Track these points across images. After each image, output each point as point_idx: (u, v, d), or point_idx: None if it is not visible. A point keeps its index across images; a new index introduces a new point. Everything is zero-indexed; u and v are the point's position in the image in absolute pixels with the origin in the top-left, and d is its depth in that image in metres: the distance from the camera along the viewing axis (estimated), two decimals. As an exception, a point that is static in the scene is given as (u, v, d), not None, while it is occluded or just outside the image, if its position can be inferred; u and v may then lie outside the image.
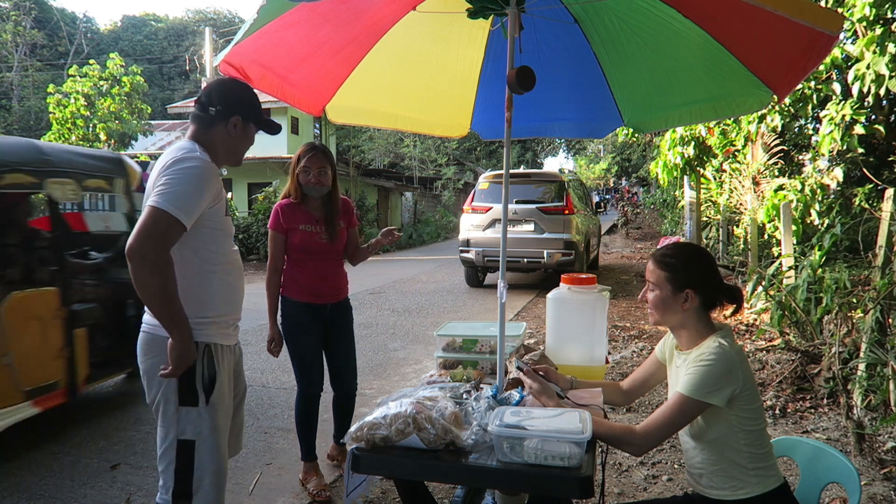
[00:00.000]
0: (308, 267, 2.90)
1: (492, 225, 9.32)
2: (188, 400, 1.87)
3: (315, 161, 2.83)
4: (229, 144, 1.98)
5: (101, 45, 38.44)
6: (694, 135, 8.23)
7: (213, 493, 1.90)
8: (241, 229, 14.89)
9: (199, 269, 1.90)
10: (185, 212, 1.77)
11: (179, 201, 1.76)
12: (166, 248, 1.76)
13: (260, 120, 2.03)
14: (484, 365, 2.35)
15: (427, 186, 30.22)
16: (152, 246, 1.72)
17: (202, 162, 1.85)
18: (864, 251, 4.57)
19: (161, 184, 1.78)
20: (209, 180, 1.84)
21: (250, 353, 5.82)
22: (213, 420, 1.90)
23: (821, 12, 1.83)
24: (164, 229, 1.74)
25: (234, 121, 1.95)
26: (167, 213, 1.74)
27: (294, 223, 2.87)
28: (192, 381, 1.86)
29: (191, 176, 1.80)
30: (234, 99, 1.96)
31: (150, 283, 1.74)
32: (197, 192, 1.80)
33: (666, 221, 17.59)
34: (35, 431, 3.79)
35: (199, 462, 1.87)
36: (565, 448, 1.49)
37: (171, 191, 1.76)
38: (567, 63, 2.67)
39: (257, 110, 2.01)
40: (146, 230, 1.72)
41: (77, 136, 20.93)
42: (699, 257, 1.81)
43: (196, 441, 1.87)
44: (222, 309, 1.96)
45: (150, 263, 1.73)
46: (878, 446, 3.35)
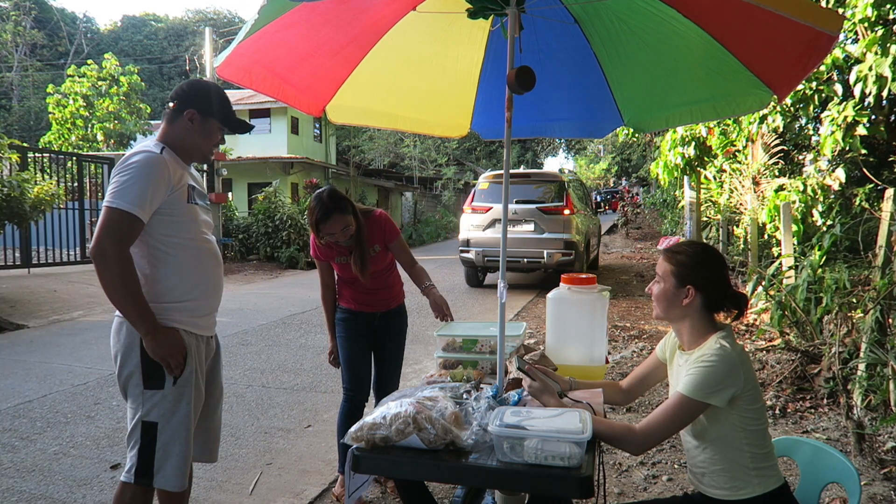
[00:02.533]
0: (356, 286, 2.88)
1: (492, 225, 9.32)
2: (153, 383, 1.92)
3: (335, 225, 2.61)
4: (189, 140, 2.03)
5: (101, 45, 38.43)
6: (694, 135, 8.23)
7: (175, 475, 1.95)
8: (241, 229, 14.87)
9: (151, 254, 1.95)
10: (137, 206, 1.83)
11: (130, 196, 1.83)
12: (125, 246, 1.83)
13: (224, 117, 2.07)
14: (484, 365, 2.35)
15: (427, 186, 30.23)
16: (111, 244, 1.80)
17: (149, 154, 1.91)
18: (864, 251, 4.56)
19: (113, 182, 1.87)
20: (158, 170, 1.89)
21: (250, 353, 5.83)
22: (177, 403, 1.94)
23: (821, 12, 1.83)
24: (119, 227, 1.82)
25: (188, 114, 2.01)
26: (120, 210, 1.81)
27: (330, 256, 2.87)
28: (156, 364, 1.91)
29: (138, 169, 1.86)
30: (192, 94, 2.02)
31: (112, 280, 1.82)
32: (147, 183, 1.85)
33: (666, 221, 17.58)
34: (35, 431, 3.79)
35: (161, 443, 1.93)
36: (565, 448, 1.49)
37: (121, 188, 1.84)
38: (567, 63, 2.67)
39: (220, 107, 2.05)
40: (103, 230, 1.81)
41: (77, 136, 20.94)
42: (709, 257, 1.80)
43: (159, 423, 1.92)
44: (186, 294, 1.99)
45: (110, 262, 1.80)
46: (878, 446, 3.35)
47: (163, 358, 1.89)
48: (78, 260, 11.15)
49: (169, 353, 1.90)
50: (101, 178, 12.06)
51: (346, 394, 2.89)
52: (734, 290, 1.79)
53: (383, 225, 2.85)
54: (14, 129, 30.56)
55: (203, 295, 2.04)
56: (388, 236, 2.85)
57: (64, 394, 4.52)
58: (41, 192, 7.89)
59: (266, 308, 8.20)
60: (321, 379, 4.98)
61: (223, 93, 2.09)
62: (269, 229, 14.39)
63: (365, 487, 1.80)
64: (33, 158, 10.58)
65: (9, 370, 5.16)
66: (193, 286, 2.00)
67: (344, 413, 2.88)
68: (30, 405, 4.28)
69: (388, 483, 3.00)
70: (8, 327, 6.90)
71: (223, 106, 2.07)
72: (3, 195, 7.37)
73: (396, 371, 3.06)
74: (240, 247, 14.73)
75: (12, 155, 8.57)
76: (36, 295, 8.46)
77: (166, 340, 1.90)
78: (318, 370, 5.21)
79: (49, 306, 7.95)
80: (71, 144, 20.62)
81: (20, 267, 10.05)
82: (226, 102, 2.08)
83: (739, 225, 8.81)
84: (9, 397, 4.44)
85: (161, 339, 1.88)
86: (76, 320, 7.40)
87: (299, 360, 5.56)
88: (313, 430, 3.91)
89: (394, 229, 2.88)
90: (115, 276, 1.81)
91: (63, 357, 5.61)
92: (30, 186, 7.80)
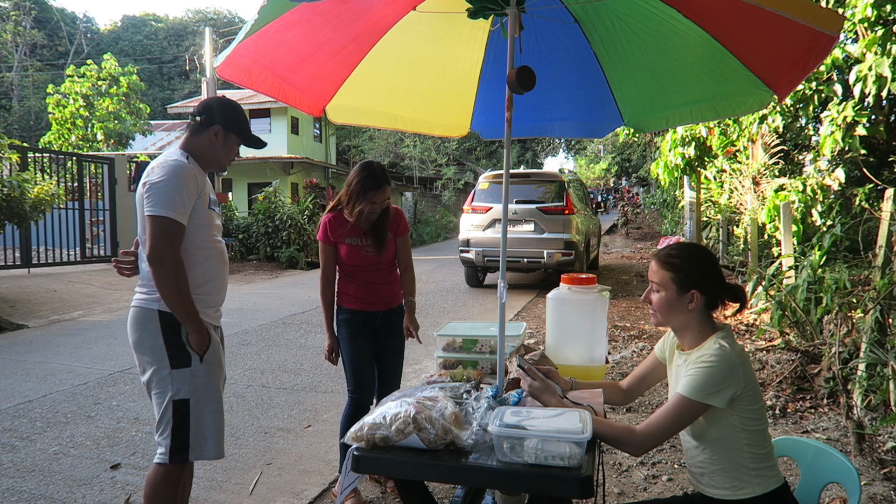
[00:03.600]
0: (358, 277, 2.87)
1: (492, 225, 9.32)
2: (179, 362, 2.06)
3: (383, 195, 2.73)
4: (211, 152, 2.21)
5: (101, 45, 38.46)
6: (694, 135, 8.23)
7: (212, 445, 2.10)
8: (241, 229, 14.87)
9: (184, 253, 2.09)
10: (178, 212, 2.02)
11: (171, 204, 2.00)
12: (176, 249, 2.02)
13: (243, 134, 2.25)
14: (484, 365, 2.35)
15: (427, 186, 30.23)
16: (167, 250, 1.99)
17: (177, 163, 2.07)
18: (864, 251, 4.56)
19: (150, 193, 2.02)
20: (187, 178, 2.06)
21: (250, 353, 5.83)
22: (205, 379, 2.10)
23: (821, 12, 1.83)
24: (168, 232, 2.00)
25: (214, 129, 2.18)
26: (166, 217, 1.99)
27: (341, 237, 2.83)
28: (181, 344, 2.06)
29: (171, 178, 2.03)
30: (219, 112, 2.20)
31: (170, 282, 2.00)
32: (180, 190, 2.03)
33: (666, 221, 17.58)
34: (35, 431, 3.80)
35: (194, 418, 2.07)
36: (565, 448, 1.49)
37: (162, 197, 2.00)
38: (567, 63, 2.67)
39: (241, 124, 2.25)
40: (157, 237, 1.99)
41: (77, 136, 20.95)
42: (703, 257, 1.79)
43: (191, 399, 2.06)
44: (204, 289, 2.16)
45: (168, 266, 1.99)
46: (878, 446, 3.35)
47: (202, 349, 2.08)
48: (78, 260, 11.15)
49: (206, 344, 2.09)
50: (101, 178, 12.05)
51: (352, 396, 2.86)
52: (728, 283, 1.78)
53: (398, 217, 2.95)
54: (14, 129, 30.56)
55: (215, 290, 2.22)
56: (400, 230, 2.95)
57: (64, 394, 4.52)
58: (41, 192, 7.88)
59: (266, 308, 8.20)
60: (321, 379, 4.98)
61: (242, 111, 2.28)
62: (269, 229, 14.39)
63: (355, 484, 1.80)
64: (33, 158, 10.57)
65: (9, 370, 5.16)
66: (209, 281, 2.18)
67: (348, 415, 2.85)
68: (30, 405, 4.28)
69: (388, 483, 3.00)
70: (8, 327, 6.90)
71: (244, 123, 2.27)
72: (4, 195, 7.37)
73: (398, 371, 3.06)
74: (240, 247, 14.73)
75: (12, 155, 8.57)
76: (36, 295, 8.46)
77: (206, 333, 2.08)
78: (318, 370, 5.21)
79: (49, 306, 7.94)
80: (71, 144, 20.61)
81: (20, 267, 10.05)
82: (245, 120, 2.29)
83: (739, 225, 8.82)
84: (9, 397, 4.44)
85: (204, 334, 2.08)
86: (76, 320, 7.40)
87: (299, 360, 5.56)
88: (313, 430, 3.91)
89: (405, 225, 2.99)
90: (172, 279, 1.99)
91: (63, 357, 5.61)
92: (30, 186, 7.80)
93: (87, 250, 11.62)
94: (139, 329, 2.09)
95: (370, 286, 2.89)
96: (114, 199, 11.80)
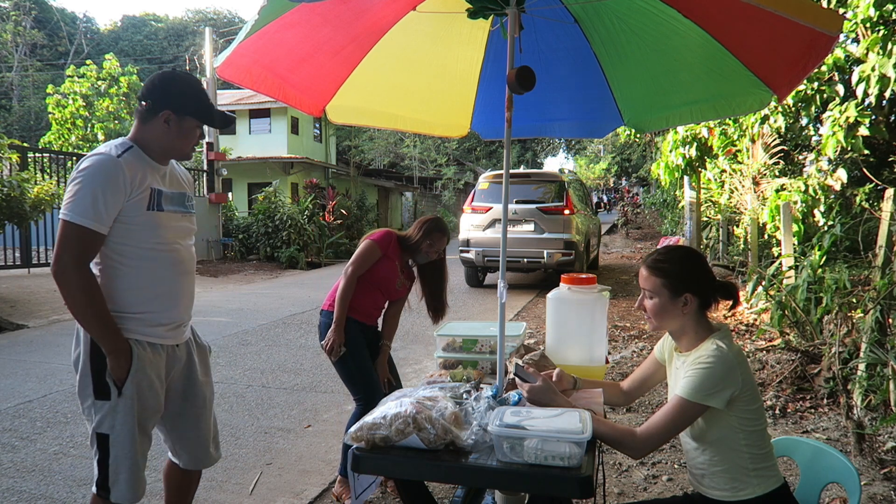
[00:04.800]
0: (373, 294, 2.96)
1: (492, 225, 9.32)
2: (101, 394, 1.85)
3: (442, 244, 3.03)
4: (164, 140, 1.92)
5: (101, 45, 38.47)
6: (695, 135, 8.23)
7: (128, 489, 1.88)
8: (241, 229, 14.87)
9: (108, 264, 1.86)
10: (93, 218, 1.73)
11: (85, 208, 1.72)
12: (85, 263, 1.76)
13: (200, 113, 1.94)
14: (484, 365, 2.35)
15: (427, 186, 30.24)
16: (70, 262, 1.73)
17: (102, 158, 1.78)
18: (864, 251, 4.56)
19: (67, 191, 1.76)
20: (112, 176, 1.76)
21: (250, 353, 5.83)
22: (126, 415, 1.86)
23: (821, 12, 1.83)
24: (77, 242, 1.73)
25: (164, 115, 1.88)
26: (75, 224, 1.72)
27: (394, 257, 2.95)
28: (103, 375, 1.84)
29: (91, 176, 1.75)
30: (165, 92, 1.89)
31: (75, 299, 1.76)
32: (100, 192, 1.74)
33: (666, 221, 17.58)
34: (35, 431, 3.80)
35: (113, 455, 1.87)
36: (565, 448, 1.49)
37: (75, 199, 1.73)
38: (567, 63, 2.66)
39: (196, 103, 1.93)
40: (61, 246, 1.73)
41: (77, 136, 20.95)
42: (692, 259, 1.80)
43: (110, 435, 1.86)
44: (140, 305, 1.89)
45: (71, 280, 1.73)
46: (878, 446, 3.35)
47: (118, 375, 1.84)
48: (78, 260, 11.14)
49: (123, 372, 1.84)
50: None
51: (365, 399, 2.82)
52: (719, 281, 1.78)
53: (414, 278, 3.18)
54: (14, 129, 30.55)
55: (162, 307, 1.93)
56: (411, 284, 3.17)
57: (64, 394, 4.52)
58: (41, 192, 7.88)
59: (266, 308, 8.20)
60: (321, 379, 4.98)
61: (198, 85, 1.97)
62: (269, 229, 14.40)
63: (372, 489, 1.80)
64: (33, 158, 10.57)
65: (9, 370, 5.16)
66: (150, 297, 1.91)
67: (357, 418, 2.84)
68: (30, 405, 4.28)
69: (389, 483, 3.00)
70: (8, 327, 6.90)
71: (200, 101, 1.94)
72: (3, 195, 7.37)
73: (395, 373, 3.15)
74: (240, 247, 14.73)
75: (12, 155, 8.57)
76: (36, 295, 8.46)
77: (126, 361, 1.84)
78: (318, 370, 5.21)
79: (49, 306, 7.94)
80: (71, 144, 20.61)
81: (20, 267, 10.05)
82: (201, 96, 1.96)
83: (739, 225, 8.82)
84: (9, 397, 4.44)
85: (122, 358, 1.83)
86: (76, 320, 7.40)
87: (299, 360, 5.56)
88: (313, 430, 3.91)
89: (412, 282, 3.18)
90: (77, 294, 1.75)
91: (63, 357, 5.60)
92: (30, 186, 7.80)
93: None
94: (75, 350, 1.90)
95: (377, 307, 3.02)
96: (114, 199, 11.78)
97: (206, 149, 14.61)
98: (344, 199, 18.34)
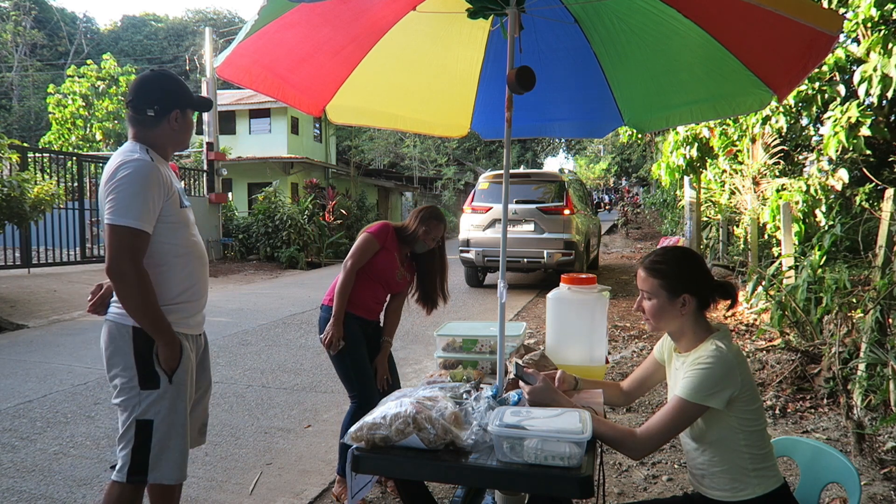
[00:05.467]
0: (373, 287, 2.93)
1: (492, 225, 9.32)
2: (149, 383, 1.94)
3: (439, 231, 3.01)
4: (174, 137, 2.06)
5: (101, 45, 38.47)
6: (696, 135, 8.22)
7: (174, 468, 1.99)
8: (241, 229, 14.87)
9: (159, 261, 1.96)
10: (141, 219, 1.85)
11: (133, 211, 1.83)
12: (139, 261, 1.86)
13: (194, 103, 2.08)
14: (484, 365, 2.35)
15: (427, 186, 30.24)
16: (127, 263, 1.83)
17: (140, 163, 1.89)
18: (864, 251, 4.56)
19: (110, 198, 1.85)
20: (152, 179, 1.89)
21: (250, 353, 5.83)
22: (176, 399, 1.98)
23: (820, 12, 1.83)
24: (130, 244, 1.84)
25: (174, 115, 2.02)
26: (126, 227, 1.83)
27: (392, 249, 2.93)
28: (151, 364, 1.94)
29: (133, 181, 1.85)
30: (168, 94, 2.01)
31: (132, 297, 1.86)
32: (144, 194, 1.86)
33: (666, 221, 17.58)
34: (35, 431, 3.79)
35: (156, 440, 1.96)
36: (565, 448, 1.49)
37: (122, 203, 1.83)
38: (567, 63, 2.66)
39: (189, 96, 2.07)
40: (115, 249, 1.83)
41: (77, 136, 20.96)
42: (689, 259, 1.79)
43: (155, 420, 1.95)
44: (183, 297, 2.03)
45: (129, 280, 1.84)
46: (878, 446, 3.35)
47: (170, 366, 1.95)
48: (78, 260, 11.15)
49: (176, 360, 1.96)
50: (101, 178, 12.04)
51: (360, 397, 2.82)
52: (717, 280, 1.79)
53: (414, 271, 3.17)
54: (14, 129, 30.55)
55: (195, 295, 2.08)
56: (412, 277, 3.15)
57: (64, 394, 4.52)
58: (41, 192, 7.88)
59: (266, 308, 8.20)
60: (321, 379, 4.98)
61: (179, 79, 2.11)
62: (269, 229, 14.39)
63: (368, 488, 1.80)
64: (33, 158, 10.57)
65: (9, 370, 5.16)
66: (189, 288, 2.04)
67: (352, 418, 2.81)
68: (30, 405, 4.28)
69: (388, 483, 3.00)
70: (8, 327, 6.90)
71: (190, 93, 2.09)
72: (4, 195, 7.37)
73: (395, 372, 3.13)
74: (240, 247, 14.73)
75: (12, 155, 8.57)
76: (36, 295, 8.46)
77: (178, 348, 1.96)
78: (318, 370, 5.21)
79: (49, 306, 7.94)
80: (71, 144, 20.63)
81: (20, 267, 10.05)
82: (186, 87, 2.11)
83: (739, 225, 8.82)
84: (9, 397, 4.44)
85: (175, 348, 1.94)
86: (76, 320, 7.40)
87: (299, 360, 5.56)
88: (313, 430, 3.91)
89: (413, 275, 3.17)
90: (135, 294, 1.85)
91: (63, 357, 5.61)
92: (30, 186, 7.80)
93: (87, 250, 11.61)
94: (111, 346, 1.97)
95: (378, 301, 2.99)
96: (114, 199, 11.79)
97: (205, 149, 14.60)
98: (344, 199, 18.35)
